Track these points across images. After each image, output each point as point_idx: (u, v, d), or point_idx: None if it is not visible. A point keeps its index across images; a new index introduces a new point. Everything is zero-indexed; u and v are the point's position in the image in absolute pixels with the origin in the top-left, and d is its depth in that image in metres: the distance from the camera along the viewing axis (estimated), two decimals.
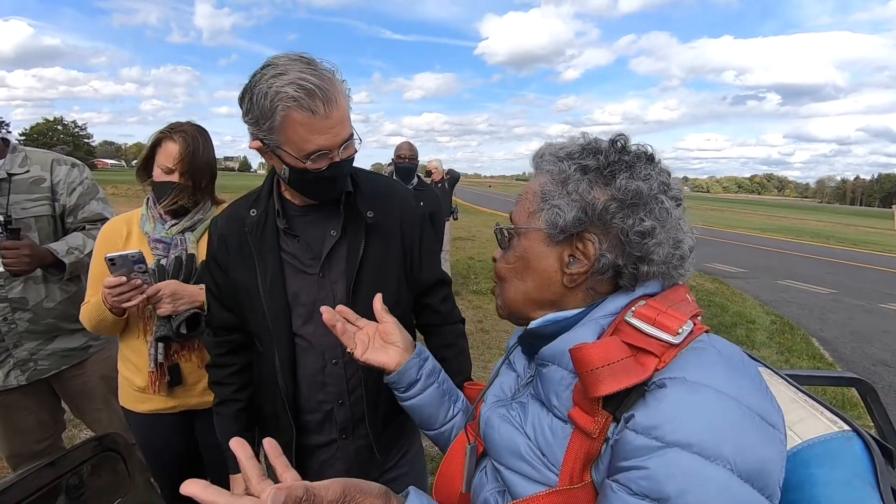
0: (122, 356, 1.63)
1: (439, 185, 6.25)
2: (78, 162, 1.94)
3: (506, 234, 0.80)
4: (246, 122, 1.08)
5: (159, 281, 1.44)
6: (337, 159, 1.07)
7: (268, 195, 1.21)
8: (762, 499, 0.54)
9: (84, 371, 1.95)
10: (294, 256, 1.19)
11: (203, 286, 1.40)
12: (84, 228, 1.89)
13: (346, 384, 1.21)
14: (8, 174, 1.75)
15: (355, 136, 1.12)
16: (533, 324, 0.76)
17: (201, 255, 1.52)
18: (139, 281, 1.34)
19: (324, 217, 1.21)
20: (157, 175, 1.50)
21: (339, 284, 1.19)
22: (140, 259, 1.33)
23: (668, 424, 0.55)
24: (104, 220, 1.86)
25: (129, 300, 1.35)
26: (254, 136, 1.09)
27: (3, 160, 1.77)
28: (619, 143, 0.74)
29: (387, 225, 1.23)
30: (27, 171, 1.80)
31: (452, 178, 6.37)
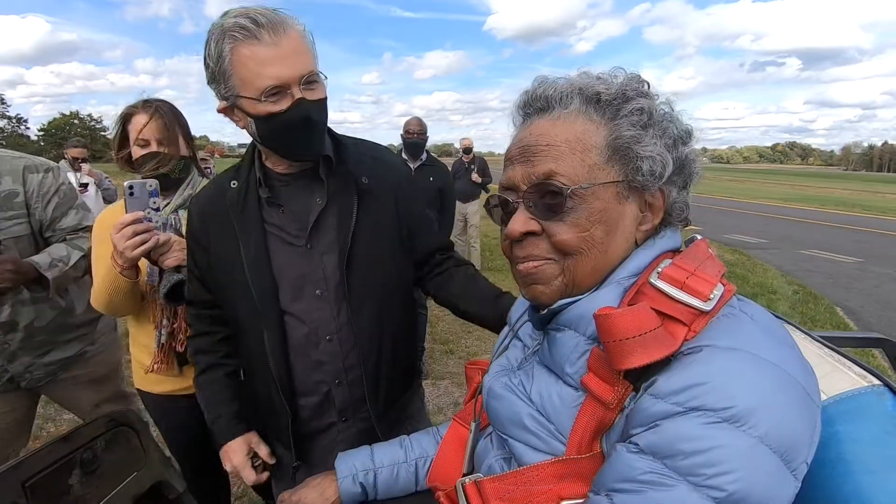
0: (134, 340, 1.62)
1: (472, 166, 6.26)
2: (52, 165, 1.75)
3: (566, 194, 0.63)
4: (209, 83, 1.03)
5: None
6: (299, 95, 0.98)
7: (249, 165, 1.14)
8: (787, 473, 0.50)
9: (75, 376, 1.87)
10: (280, 228, 1.12)
11: None
12: (65, 240, 1.73)
13: (343, 362, 1.13)
14: None
15: (321, 76, 1.03)
16: (562, 301, 0.68)
17: None
18: (152, 224, 1.28)
19: (310, 185, 1.12)
20: (136, 152, 1.47)
21: (329, 257, 1.11)
22: (155, 192, 1.29)
23: (692, 389, 0.51)
24: (85, 228, 1.75)
25: (143, 243, 1.25)
26: (219, 97, 1.03)
27: None
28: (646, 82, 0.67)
29: (380, 191, 1.15)
30: None
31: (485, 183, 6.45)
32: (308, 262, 1.11)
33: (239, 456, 1.20)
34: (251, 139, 1.12)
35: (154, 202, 1.29)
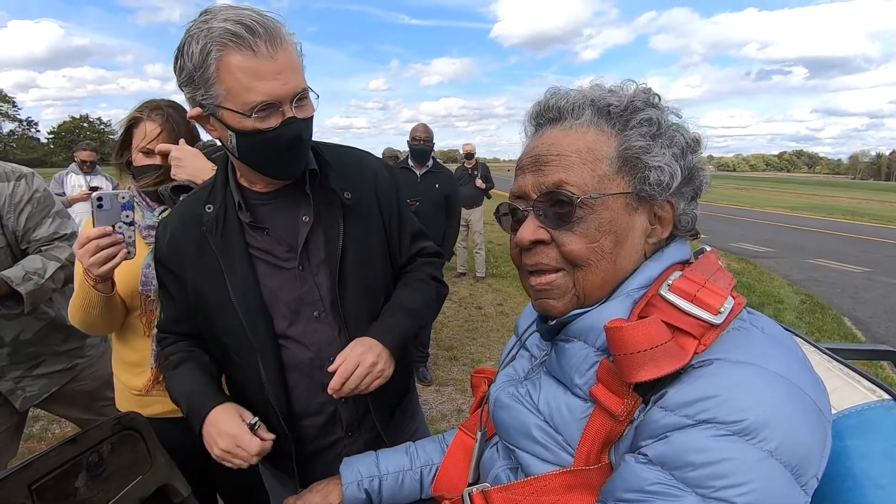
0: (118, 360, 1.48)
1: (475, 171, 6.28)
2: (26, 171, 1.63)
3: (576, 203, 0.63)
4: (181, 85, 0.93)
5: None
6: (290, 115, 0.91)
7: (223, 186, 1.06)
8: (797, 487, 0.49)
9: (65, 391, 1.82)
10: (266, 252, 1.05)
11: None
12: (41, 251, 1.63)
13: None
14: None
15: (312, 94, 0.97)
16: (571, 312, 0.68)
17: None
18: (121, 237, 1.13)
19: (292, 202, 1.06)
20: (138, 159, 1.39)
21: (321, 277, 1.06)
22: (129, 204, 1.14)
23: (702, 402, 0.51)
24: (62, 237, 1.67)
25: (111, 259, 1.10)
26: (192, 102, 0.94)
27: None
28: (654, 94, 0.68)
29: (364, 203, 1.09)
30: None
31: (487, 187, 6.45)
32: (302, 284, 1.06)
33: (233, 422, 0.97)
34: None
35: (127, 215, 1.14)
